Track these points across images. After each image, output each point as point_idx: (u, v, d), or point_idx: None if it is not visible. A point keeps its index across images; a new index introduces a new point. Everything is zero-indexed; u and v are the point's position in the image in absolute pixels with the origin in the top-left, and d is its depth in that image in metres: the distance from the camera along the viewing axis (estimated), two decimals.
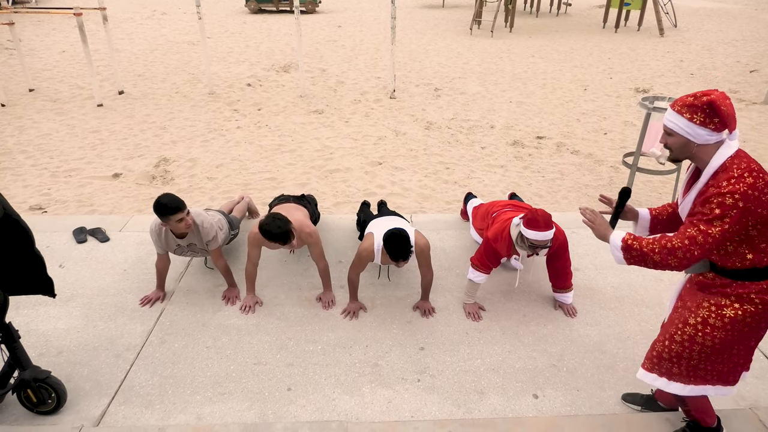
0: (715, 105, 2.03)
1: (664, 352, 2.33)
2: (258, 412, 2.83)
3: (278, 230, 3.19)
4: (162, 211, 3.22)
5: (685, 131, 2.11)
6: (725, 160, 2.07)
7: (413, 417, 2.82)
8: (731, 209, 1.99)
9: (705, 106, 2.05)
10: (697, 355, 2.26)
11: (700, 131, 2.08)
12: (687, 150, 2.16)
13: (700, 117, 2.07)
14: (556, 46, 14.11)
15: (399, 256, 3.12)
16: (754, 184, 1.99)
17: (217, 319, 3.51)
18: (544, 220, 3.13)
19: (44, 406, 2.75)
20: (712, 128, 2.07)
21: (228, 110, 8.59)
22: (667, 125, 2.17)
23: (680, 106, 2.11)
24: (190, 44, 13.48)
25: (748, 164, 2.03)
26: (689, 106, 2.09)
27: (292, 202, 3.94)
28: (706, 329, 2.20)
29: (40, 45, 13.13)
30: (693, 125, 2.08)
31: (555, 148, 7.23)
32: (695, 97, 2.08)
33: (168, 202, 3.21)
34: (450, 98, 9.41)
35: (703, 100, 2.06)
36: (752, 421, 2.74)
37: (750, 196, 1.98)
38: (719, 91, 2.08)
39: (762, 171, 2.03)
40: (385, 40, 14.34)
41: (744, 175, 2.01)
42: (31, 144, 7.09)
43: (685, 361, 2.29)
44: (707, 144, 2.11)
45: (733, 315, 2.15)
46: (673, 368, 2.33)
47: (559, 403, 2.91)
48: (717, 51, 13.60)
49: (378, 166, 6.55)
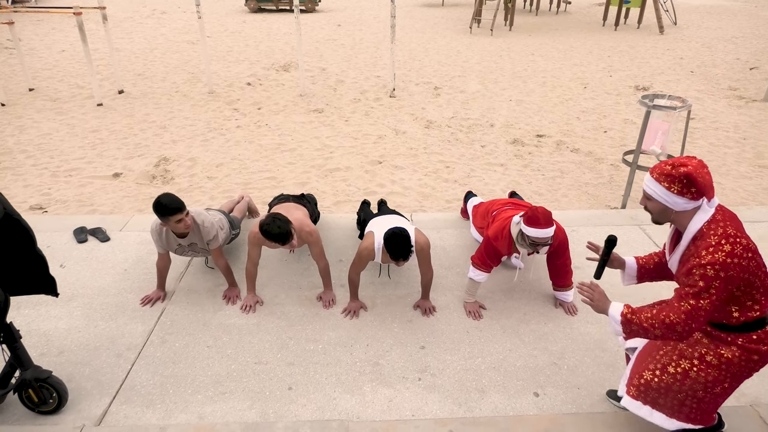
0: (691, 176, 2.08)
1: (653, 382, 2.35)
2: (259, 411, 2.84)
3: (278, 230, 3.19)
4: (161, 211, 3.22)
5: (663, 198, 2.17)
6: (702, 225, 2.13)
7: (414, 416, 2.82)
8: (714, 280, 2.05)
9: (682, 177, 2.10)
10: (687, 389, 2.30)
11: (678, 200, 2.13)
12: (666, 215, 2.23)
13: (677, 187, 2.12)
14: (555, 45, 14.10)
15: (399, 255, 3.12)
16: (732, 251, 2.04)
17: (218, 319, 3.51)
18: (544, 218, 3.13)
19: (46, 406, 2.75)
20: (689, 197, 2.12)
21: (228, 109, 8.58)
22: (646, 191, 2.23)
23: (658, 174, 2.17)
24: (190, 43, 13.47)
25: (725, 229, 2.08)
26: (667, 176, 2.14)
27: (292, 202, 3.94)
28: (702, 365, 2.25)
29: (40, 44, 13.12)
30: (671, 194, 2.13)
31: (555, 146, 7.23)
32: (673, 166, 2.12)
33: (167, 203, 3.21)
34: (450, 97, 9.41)
35: (680, 171, 2.10)
36: (753, 418, 2.74)
37: (729, 264, 2.04)
38: (696, 161, 2.12)
39: (738, 235, 2.08)
40: (385, 39, 14.33)
41: (721, 242, 2.06)
42: (32, 144, 7.09)
43: (674, 393, 2.32)
44: (685, 210, 2.16)
45: (729, 356, 2.21)
46: (659, 399, 2.35)
47: (560, 401, 2.91)
48: (717, 48, 13.59)
49: (378, 165, 6.55)
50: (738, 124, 8.16)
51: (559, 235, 3.41)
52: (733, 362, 2.21)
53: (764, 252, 4.34)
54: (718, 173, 6.45)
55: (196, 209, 3.56)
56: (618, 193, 5.87)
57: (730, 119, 8.37)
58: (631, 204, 5.61)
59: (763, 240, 4.44)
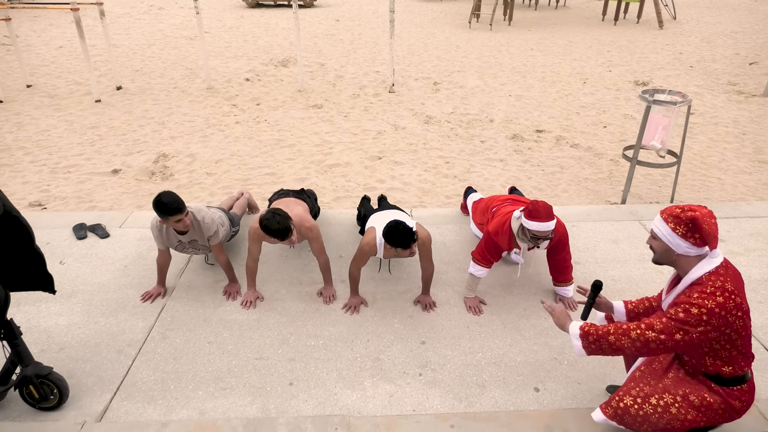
0: (697, 222, 2.16)
1: (632, 408, 2.39)
2: (260, 406, 2.84)
3: (278, 225, 3.19)
4: (161, 210, 3.21)
5: (667, 239, 2.25)
6: (703, 274, 2.20)
7: (415, 411, 2.82)
8: (694, 318, 2.12)
9: (688, 220, 2.19)
10: (665, 423, 2.35)
11: (681, 242, 2.21)
12: (668, 256, 2.30)
13: (682, 229, 2.20)
14: (555, 39, 14.07)
15: (401, 243, 3.10)
16: (723, 304, 2.10)
17: (219, 315, 3.51)
18: (545, 211, 3.13)
19: (47, 402, 2.76)
20: (692, 242, 2.20)
21: (226, 105, 8.56)
22: (653, 229, 2.32)
23: (667, 214, 2.25)
24: (188, 39, 13.42)
25: (723, 284, 2.14)
26: (674, 217, 2.22)
27: (292, 197, 3.93)
28: (684, 403, 2.31)
29: (37, 41, 13.07)
30: (675, 235, 2.22)
31: (554, 141, 7.22)
32: (682, 210, 2.21)
33: (168, 203, 3.19)
34: (449, 92, 9.39)
35: (688, 214, 2.19)
36: (752, 413, 2.75)
37: (716, 314, 2.10)
38: (706, 210, 2.20)
39: (735, 293, 2.13)
40: (384, 34, 14.29)
41: (716, 293, 2.12)
42: (30, 140, 7.07)
43: (650, 425, 2.37)
44: (687, 255, 2.24)
45: (711, 401, 2.29)
46: (635, 424, 2.41)
47: (560, 396, 2.92)
48: (716, 43, 13.56)
49: (377, 161, 6.54)
50: (738, 119, 8.16)
51: (560, 230, 3.41)
52: (712, 407, 2.29)
53: (764, 249, 4.37)
54: (718, 168, 6.46)
55: (197, 206, 3.55)
56: (618, 189, 5.87)
57: (730, 114, 8.36)
58: (630, 199, 5.61)
59: (762, 235, 4.45)
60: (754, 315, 3.53)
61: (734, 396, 2.29)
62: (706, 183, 6.06)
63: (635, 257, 4.14)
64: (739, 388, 2.30)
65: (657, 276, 3.90)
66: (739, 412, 2.32)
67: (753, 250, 4.23)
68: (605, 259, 4.12)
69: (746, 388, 2.32)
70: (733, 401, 2.29)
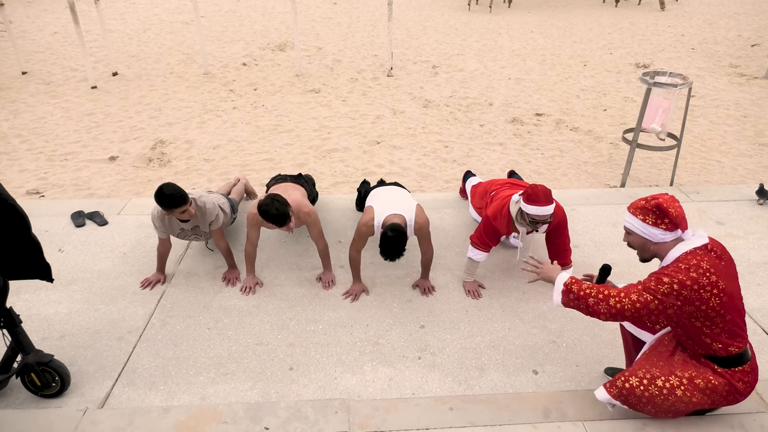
0: (662, 207, 2.26)
1: (638, 389, 2.42)
2: (261, 391, 2.86)
3: (276, 211, 3.18)
4: (164, 203, 3.21)
5: (641, 230, 2.34)
6: (680, 254, 2.27)
7: (414, 394, 2.85)
8: (665, 286, 2.18)
9: (654, 208, 2.28)
10: (670, 404, 2.38)
11: (654, 231, 2.30)
12: (647, 248, 2.38)
13: (652, 218, 2.30)
14: (555, 22, 13.92)
15: (390, 256, 3.17)
16: (696, 279, 2.16)
17: (218, 301, 3.52)
18: (544, 195, 3.13)
19: (48, 390, 2.77)
20: (664, 228, 2.28)
21: (224, 90, 8.50)
22: (625, 225, 2.41)
23: (634, 208, 2.37)
24: (184, 24, 13.28)
25: (699, 262, 2.20)
26: (641, 209, 2.33)
27: (290, 182, 3.91)
28: (690, 385, 2.34)
29: (32, 26, 12.93)
30: (647, 225, 2.31)
31: (554, 125, 7.18)
32: (646, 200, 2.32)
33: (172, 194, 3.18)
34: (448, 76, 9.31)
35: (652, 203, 2.29)
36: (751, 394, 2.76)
37: (687, 287, 2.16)
38: (668, 195, 2.31)
39: (711, 271, 2.18)
40: (382, 17, 14.13)
41: (690, 269, 2.19)
42: (26, 128, 7.03)
43: (655, 406, 2.41)
44: (664, 242, 2.32)
45: (716, 383, 2.33)
46: (639, 404, 2.44)
47: (558, 379, 2.94)
48: (718, 25, 13.42)
49: (376, 146, 6.51)
50: (739, 101, 8.11)
51: (559, 214, 3.41)
52: (717, 389, 2.33)
53: (765, 230, 4.36)
54: (718, 151, 6.43)
55: (197, 191, 3.54)
56: (617, 172, 5.85)
57: (731, 97, 8.31)
58: (630, 183, 5.59)
59: (761, 219, 4.45)
60: (753, 297, 3.54)
61: (737, 377, 2.32)
62: (706, 166, 6.04)
63: None
64: (741, 369, 2.32)
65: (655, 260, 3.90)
66: (743, 394, 2.35)
67: (752, 233, 4.23)
68: (604, 242, 4.12)
69: (748, 368, 2.33)
70: (736, 383, 2.31)
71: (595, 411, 2.67)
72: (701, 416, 2.58)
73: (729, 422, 2.56)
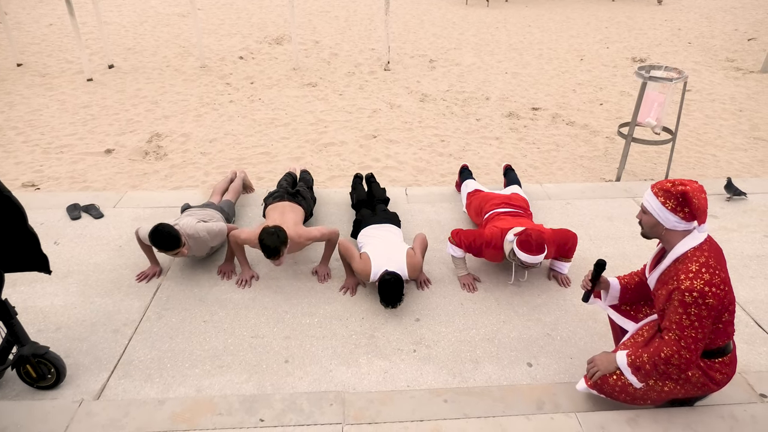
0: (687, 196, 2.17)
1: (611, 378, 2.46)
2: (256, 383, 2.88)
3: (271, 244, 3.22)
4: (158, 245, 3.27)
5: (657, 213, 2.26)
6: (688, 250, 2.22)
7: (409, 386, 2.86)
8: (691, 306, 2.15)
9: (679, 194, 2.19)
10: (642, 393, 2.42)
11: (670, 216, 2.22)
12: (656, 231, 2.32)
13: (672, 203, 2.21)
14: (552, 16, 13.90)
15: (391, 302, 3.22)
16: (710, 281, 2.13)
17: (214, 294, 3.53)
18: (537, 245, 3.18)
19: (44, 381, 2.78)
20: (681, 216, 2.21)
21: (220, 84, 8.47)
22: (643, 203, 2.33)
23: (658, 188, 2.27)
24: (181, 16, 13.21)
25: (707, 260, 2.16)
26: (665, 191, 2.23)
27: (287, 201, 3.88)
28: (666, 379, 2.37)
29: (27, 18, 12.84)
30: (665, 209, 2.22)
31: (550, 119, 7.19)
32: (673, 184, 2.22)
33: (165, 239, 3.23)
34: (445, 70, 9.30)
35: (678, 188, 2.19)
36: (741, 385, 2.79)
37: (707, 293, 2.12)
38: (697, 184, 2.20)
39: (718, 268, 2.16)
40: (379, 11, 14.08)
41: (701, 270, 2.15)
42: (22, 120, 7.00)
43: (627, 394, 2.45)
44: (675, 230, 2.25)
45: (689, 375, 2.34)
46: (614, 393, 2.48)
47: (552, 371, 2.96)
48: (715, 19, 13.42)
49: (373, 140, 6.51)
50: (734, 95, 8.12)
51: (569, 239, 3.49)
52: (690, 380, 2.34)
53: (758, 223, 4.38)
54: (714, 145, 6.45)
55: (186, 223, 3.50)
56: (613, 166, 5.87)
57: (727, 91, 8.32)
58: (625, 177, 5.61)
59: (755, 212, 4.47)
60: (746, 290, 3.57)
61: (715, 369, 2.33)
62: (701, 160, 6.06)
63: (629, 234, 4.16)
64: (721, 360, 2.33)
65: (649, 252, 3.92)
66: (719, 384, 2.36)
67: (746, 227, 4.25)
68: (599, 236, 4.14)
69: (727, 360, 2.35)
70: (713, 373, 2.33)
71: (588, 403, 2.69)
72: (692, 407, 2.61)
73: (720, 412, 2.59)
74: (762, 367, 2.96)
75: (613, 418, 2.56)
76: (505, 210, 3.78)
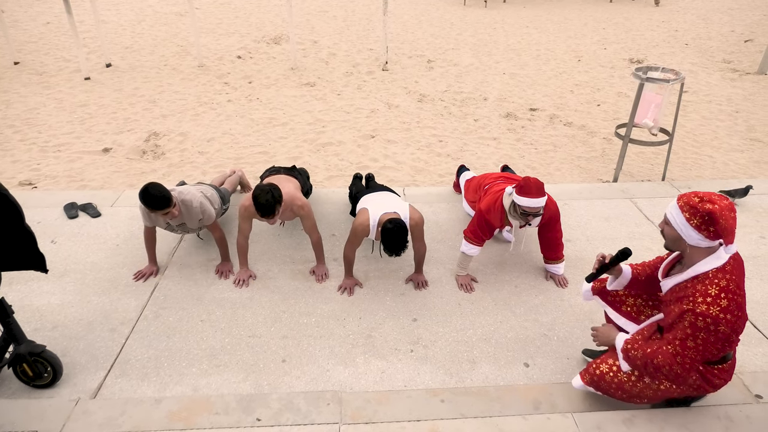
0: (714, 216, 2.04)
1: (608, 376, 2.46)
2: (253, 383, 2.88)
3: (265, 202, 3.17)
4: (147, 204, 3.22)
5: (680, 228, 2.14)
6: (709, 270, 2.12)
7: (406, 386, 2.87)
8: (701, 331, 2.10)
9: (705, 213, 2.06)
10: (638, 391, 2.41)
11: (693, 234, 2.11)
12: (679, 245, 2.22)
13: (697, 221, 2.08)
14: (550, 16, 13.92)
15: (395, 250, 3.17)
16: (727, 307, 2.06)
17: (211, 293, 3.53)
18: (536, 187, 3.16)
19: (41, 380, 2.78)
20: (705, 235, 2.09)
21: (218, 83, 8.46)
22: (667, 215, 2.21)
23: (684, 203, 2.13)
24: (178, 15, 13.19)
25: (728, 284, 2.08)
26: (691, 207, 2.10)
27: (283, 174, 3.91)
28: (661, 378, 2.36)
29: (24, 16, 12.80)
30: (689, 226, 2.11)
31: (548, 120, 7.21)
32: (701, 200, 2.08)
33: (155, 195, 3.18)
34: (443, 70, 9.31)
35: (706, 207, 2.06)
36: (737, 385, 2.81)
37: (721, 320, 2.06)
38: (727, 202, 2.07)
39: (737, 292, 2.09)
40: (378, 11, 14.08)
41: (720, 296, 2.06)
42: (19, 118, 6.98)
43: (624, 391, 2.44)
44: (698, 246, 2.14)
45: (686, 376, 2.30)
46: (610, 390, 2.48)
47: (549, 371, 2.97)
48: (712, 20, 13.46)
49: (370, 139, 6.51)
50: (731, 97, 8.15)
51: (551, 208, 3.43)
52: (686, 382, 2.31)
53: (754, 224, 4.40)
54: (710, 146, 6.47)
55: (185, 189, 3.51)
56: (610, 167, 5.89)
57: (724, 92, 8.35)
58: (622, 177, 5.63)
59: (751, 213, 4.49)
60: None
61: (714, 374, 2.32)
62: (698, 161, 6.08)
63: (625, 235, 4.17)
64: (720, 367, 2.33)
65: (645, 253, 3.93)
66: (716, 387, 2.36)
67: (742, 227, 4.27)
68: (596, 236, 4.15)
69: (727, 366, 2.35)
70: (712, 378, 2.32)
71: (584, 403, 2.70)
72: (687, 407, 2.62)
73: (715, 413, 2.60)
74: (757, 368, 2.97)
75: (610, 418, 2.57)
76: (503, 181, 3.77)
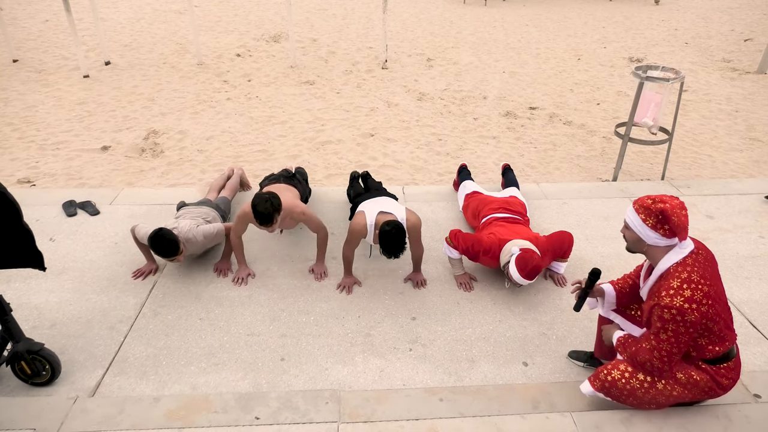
0: (666, 214, 2.18)
1: (620, 382, 2.46)
2: (252, 381, 2.87)
3: (264, 210, 3.20)
4: (157, 251, 3.26)
5: (638, 229, 2.28)
6: (670, 265, 2.24)
7: (405, 385, 2.86)
8: (669, 323, 2.18)
9: (658, 212, 2.20)
10: (651, 397, 2.42)
11: (650, 233, 2.25)
12: (639, 246, 2.35)
13: (652, 221, 2.23)
14: (550, 15, 13.91)
15: (393, 252, 3.18)
16: (691, 297, 2.15)
17: (210, 291, 3.52)
18: (531, 270, 3.20)
19: (39, 378, 2.77)
20: (662, 233, 2.23)
21: (217, 81, 8.45)
22: (626, 219, 2.36)
23: (638, 205, 2.28)
24: (177, 13, 13.16)
25: (689, 275, 2.18)
26: (645, 208, 2.25)
27: (282, 182, 3.89)
28: (670, 380, 2.38)
29: (23, 13, 12.77)
30: (645, 226, 2.25)
31: (548, 118, 7.20)
32: (653, 201, 2.23)
33: (165, 245, 3.22)
34: (442, 68, 9.30)
35: (658, 206, 2.20)
36: (736, 385, 2.80)
37: (686, 309, 2.15)
38: (677, 201, 2.20)
39: (701, 282, 2.17)
40: (377, 9, 14.06)
41: (682, 287, 2.17)
42: (17, 116, 6.96)
43: (636, 398, 2.45)
44: (657, 246, 2.27)
45: (698, 379, 2.36)
46: (621, 397, 2.48)
47: (548, 371, 2.97)
48: (712, 19, 13.46)
49: (370, 138, 6.50)
50: (731, 96, 8.15)
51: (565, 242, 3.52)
52: (698, 384, 2.36)
53: (753, 224, 4.40)
54: (710, 146, 6.47)
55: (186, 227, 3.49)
56: (610, 166, 5.88)
57: (723, 91, 8.35)
58: (622, 177, 5.62)
59: (750, 212, 4.49)
60: (740, 290, 3.58)
61: (721, 374, 2.35)
62: (697, 160, 6.08)
63: None
64: (726, 365, 2.35)
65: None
66: (725, 389, 2.38)
67: (741, 227, 4.27)
68: (595, 235, 4.15)
69: (732, 365, 2.37)
70: (720, 379, 2.35)
71: (583, 402, 2.70)
72: (687, 407, 2.62)
73: (714, 413, 2.60)
74: (756, 368, 2.98)
75: (608, 418, 2.57)
76: (503, 216, 3.78)
